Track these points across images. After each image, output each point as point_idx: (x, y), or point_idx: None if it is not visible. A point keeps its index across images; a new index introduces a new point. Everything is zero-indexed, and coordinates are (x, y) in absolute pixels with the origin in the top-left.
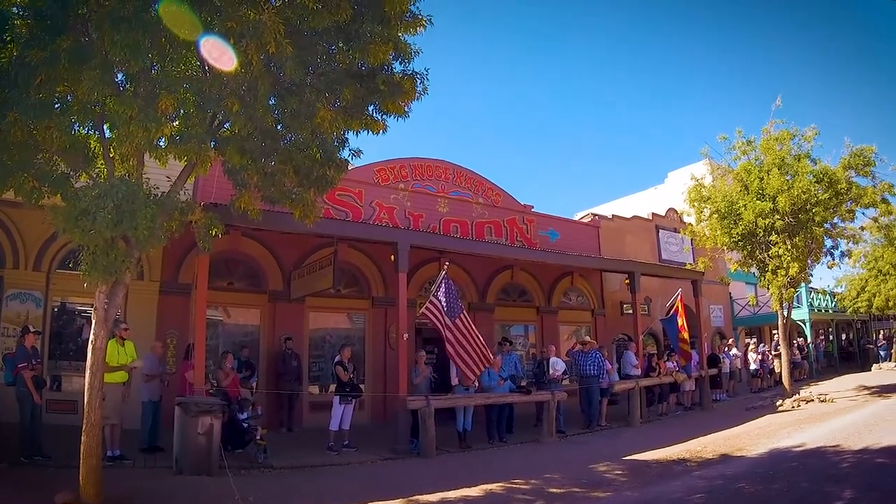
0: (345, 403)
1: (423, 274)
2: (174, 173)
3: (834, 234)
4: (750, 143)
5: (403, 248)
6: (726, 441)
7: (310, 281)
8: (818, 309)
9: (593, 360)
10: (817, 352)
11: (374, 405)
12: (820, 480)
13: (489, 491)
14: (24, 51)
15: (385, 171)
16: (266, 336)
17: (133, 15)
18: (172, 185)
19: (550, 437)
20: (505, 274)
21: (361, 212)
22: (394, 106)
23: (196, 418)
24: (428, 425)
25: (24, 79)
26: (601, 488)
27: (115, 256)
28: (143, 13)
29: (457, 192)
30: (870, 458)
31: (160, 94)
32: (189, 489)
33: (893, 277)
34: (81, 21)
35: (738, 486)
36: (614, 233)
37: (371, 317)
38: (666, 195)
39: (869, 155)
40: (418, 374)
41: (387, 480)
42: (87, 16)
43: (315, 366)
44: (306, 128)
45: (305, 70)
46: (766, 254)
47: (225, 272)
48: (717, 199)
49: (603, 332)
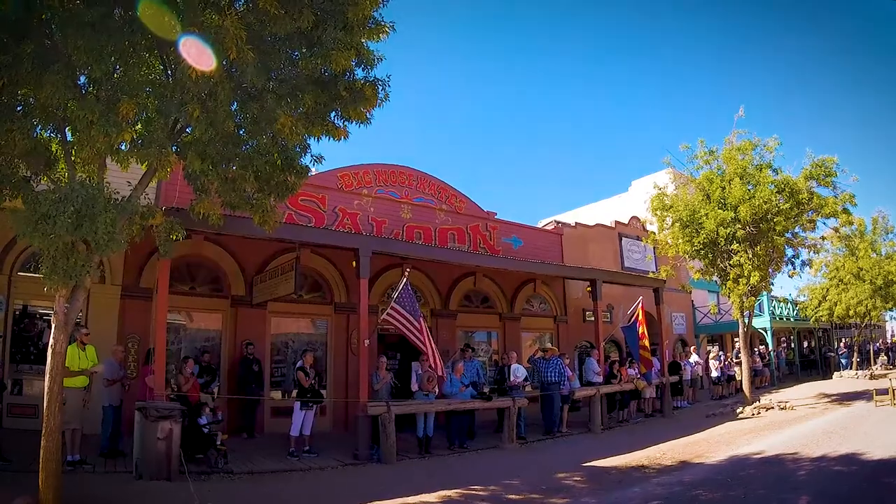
0: (306, 409)
1: (385, 280)
2: (136, 178)
3: (795, 243)
4: (712, 153)
5: (365, 254)
6: (686, 448)
7: (272, 286)
8: (780, 317)
9: (554, 366)
10: (779, 359)
11: (335, 411)
12: (777, 488)
13: (447, 497)
14: None
15: (349, 177)
16: (228, 341)
17: (97, 20)
18: (133, 189)
19: (511, 443)
20: (468, 280)
21: (325, 217)
22: (355, 112)
23: (155, 423)
24: (388, 431)
25: None
26: (559, 495)
27: (76, 261)
28: (107, 18)
29: (420, 199)
30: (827, 466)
31: (122, 99)
32: (148, 494)
33: (854, 287)
34: (45, 25)
35: (695, 492)
36: (577, 240)
37: (334, 322)
38: (630, 203)
39: (830, 166)
40: (379, 380)
41: (346, 486)
42: (50, 20)
43: (277, 371)
44: (267, 134)
45: (267, 76)
46: (727, 262)
47: (187, 276)
48: (679, 208)
49: (565, 338)
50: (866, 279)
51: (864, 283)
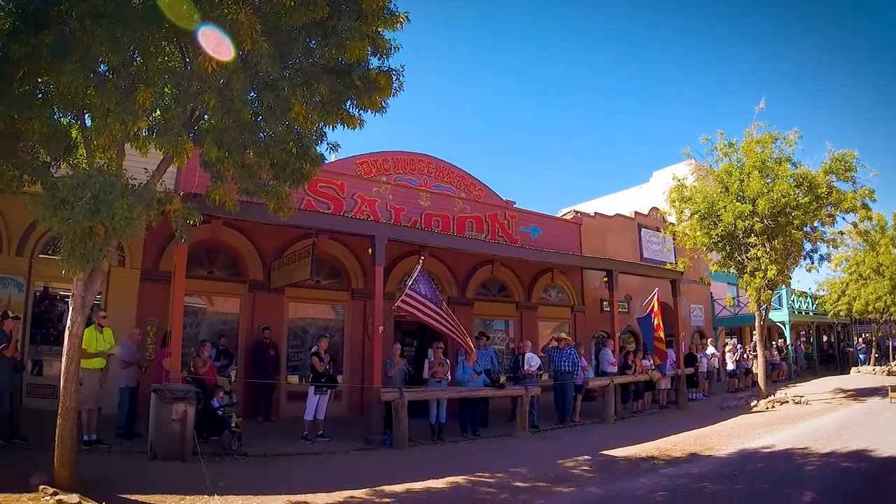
0: (320, 394)
1: (402, 267)
2: (155, 164)
3: (813, 237)
4: (732, 146)
5: (381, 242)
6: (696, 440)
7: (289, 271)
8: (798, 311)
9: (568, 356)
10: (796, 353)
11: (350, 396)
12: (783, 482)
13: (454, 483)
14: (6, 45)
15: (368, 164)
16: (245, 325)
17: (113, 10)
18: (150, 176)
19: (523, 431)
20: (485, 269)
21: (343, 204)
22: (370, 102)
23: (170, 405)
24: (401, 417)
25: (7, 72)
26: (566, 483)
27: (93, 245)
28: (124, 8)
29: (439, 187)
30: (835, 462)
31: (139, 88)
32: (161, 474)
33: (874, 282)
34: (62, 15)
35: (700, 485)
36: (596, 230)
37: (350, 308)
38: (650, 194)
39: (850, 160)
40: (393, 366)
41: (356, 470)
42: (68, 10)
43: (294, 356)
44: (282, 122)
45: (282, 65)
46: (744, 255)
47: (206, 261)
48: (697, 200)
49: (582, 328)
50: (886, 275)
51: (883, 279)
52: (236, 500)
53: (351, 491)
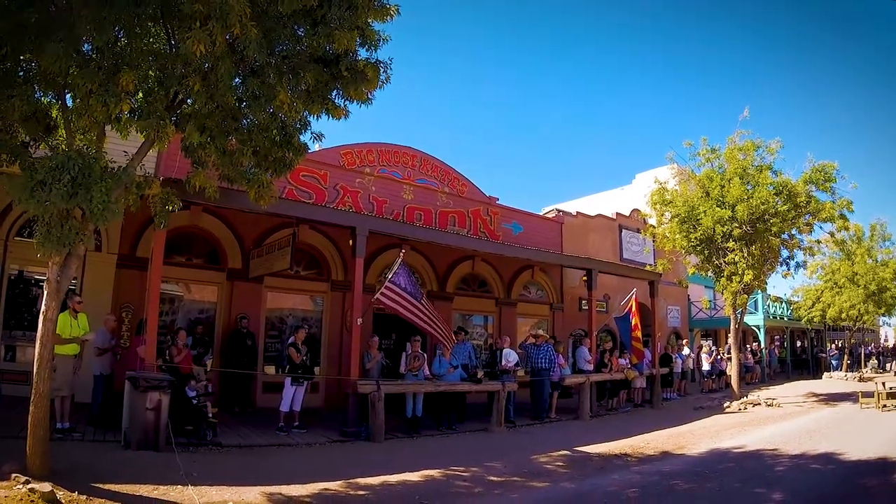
0: (296, 385)
1: (383, 260)
2: (136, 147)
3: (790, 245)
4: (714, 152)
5: (362, 234)
6: (669, 439)
7: (268, 261)
8: (773, 316)
9: (545, 353)
10: (770, 357)
11: (327, 388)
12: (753, 482)
13: (430, 476)
14: None
15: (351, 155)
16: (222, 314)
17: None
18: (130, 159)
19: (499, 426)
20: (466, 264)
21: (325, 194)
22: (356, 93)
23: (145, 393)
24: (377, 410)
25: None
26: (540, 478)
27: (70, 228)
28: None
29: (423, 180)
30: (805, 464)
31: (123, 70)
32: (134, 463)
33: (848, 290)
34: None
35: (672, 483)
36: (577, 229)
37: (330, 300)
38: (632, 196)
39: (830, 171)
40: (371, 358)
41: (331, 462)
42: None
43: (271, 346)
44: (266, 109)
45: (269, 52)
46: (722, 260)
47: (184, 247)
48: (678, 204)
49: (561, 326)
50: (861, 284)
51: (858, 288)
52: (210, 490)
53: (326, 483)
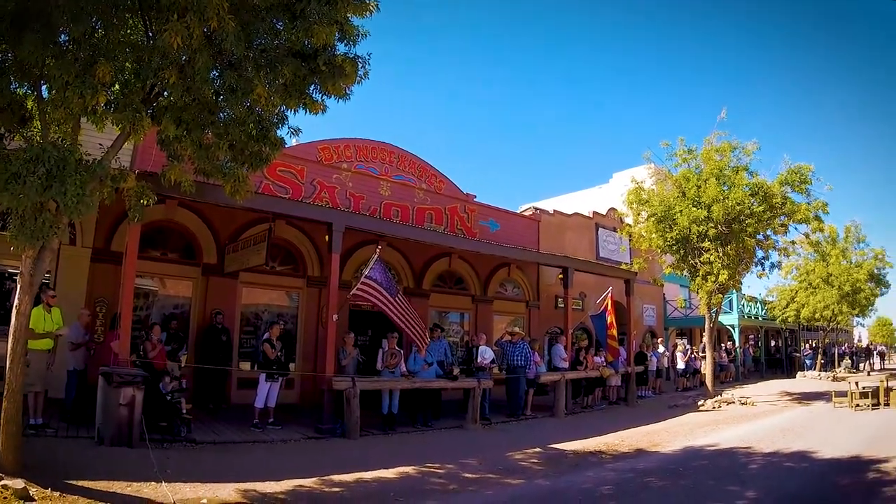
0: (271, 381)
1: (359, 256)
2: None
3: (765, 245)
4: (691, 152)
5: (338, 230)
6: (644, 436)
7: (244, 256)
8: (748, 315)
9: (520, 350)
10: (745, 356)
11: (303, 385)
12: (726, 480)
13: (405, 473)
14: None
15: (329, 150)
16: (197, 309)
17: None
18: (105, 152)
19: (474, 423)
20: (442, 261)
21: (302, 189)
22: (334, 88)
23: (118, 389)
24: (353, 407)
25: None
26: (515, 475)
27: (43, 221)
28: None
29: (400, 177)
30: (778, 462)
31: (99, 61)
32: (108, 460)
33: (823, 291)
34: None
35: (646, 480)
36: (554, 228)
37: (305, 296)
38: (610, 195)
39: (806, 173)
40: (346, 355)
41: (306, 459)
42: None
43: (246, 342)
44: (243, 103)
45: (247, 45)
46: (697, 259)
47: (159, 242)
48: (654, 203)
49: (537, 324)
50: (835, 285)
51: (832, 289)
52: (184, 487)
53: (300, 480)
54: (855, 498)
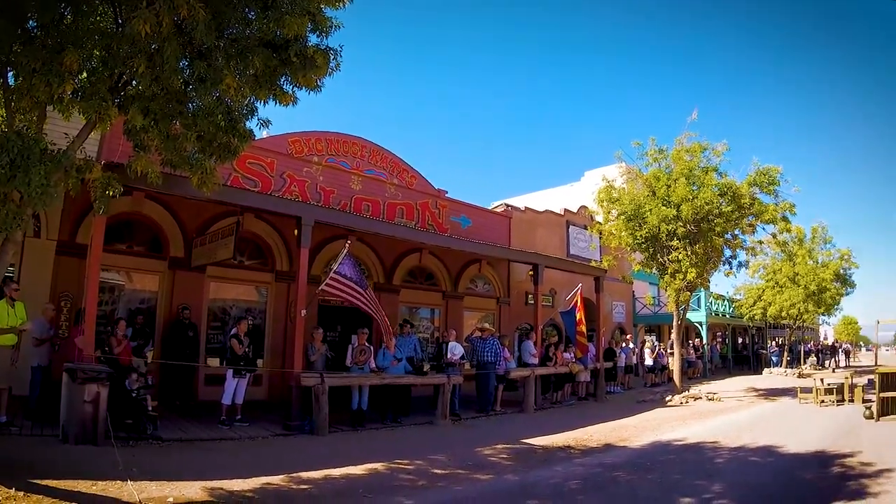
0: (238, 377)
1: (329, 251)
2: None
3: (733, 244)
4: (662, 152)
5: (307, 224)
6: (612, 431)
7: (211, 249)
8: (716, 313)
9: (490, 346)
10: (712, 353)
11: (271, 381)
12: (693, 473)
13: (374, 470)
14: None
15: (299, 143)
16: (164, 304)
17: None
18: (71, 142)
19: (444, 419)
20: (413, 256)
21: (272, 182)
22: (305, 79)
23: (83, 386)
24: (321, 403)
25: None
26: (484, 471)
27: (7, 212)
28: None
29: (371, 171)
30: (744, 456)
31: (67, 49)
32: (72, 458)
33: (789, 290)
34: None
35: (614, 474)
36: (526, 224)
37: (274, 291)
38: (581, 193)
39: (774, 175)
40: (315, 351)
41: (274, 456)
42: None
43: (213, 338)
44: (211, 94)
45: (218, 35)
46: (666, 257)
47: (126, 234)
48: (625, 202)
49: (507, 320)
50: (801, 284)
51: (798, 288)
52: (150, 486)
53: (268, 477)
54: (820, 491)
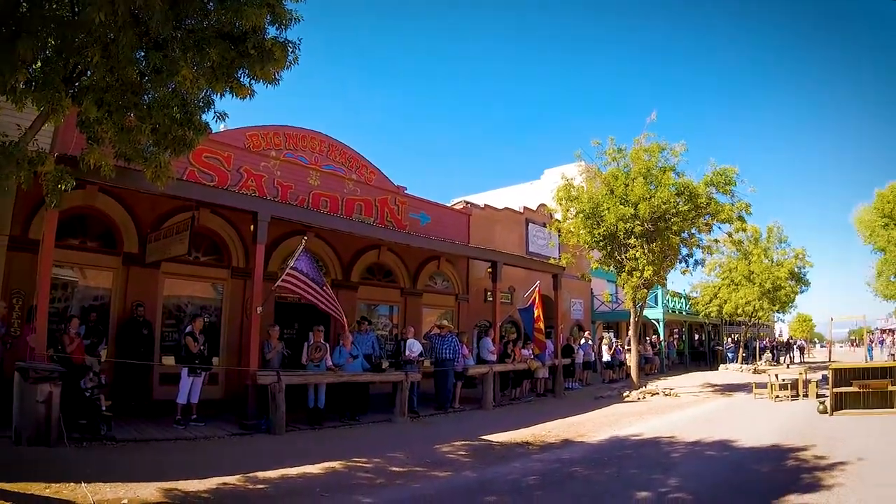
0: (193, 376)
1: (286, 247)
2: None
3: (690, 243)
4: (620, 151)
5: (264, 219)
6: (570, 427)
7: (166, 245)
8: (672, 310)
9: (449, 343)
10: (669, 349)
11: (227, 380)
12: (650, 468)
13: (331, 468)
14: None
15: (257, 137)
16: (117, 301)
17: None
18: (23, 134)
19: (402, 417)
20: (371, 253)
21: (228, 177)
22: (263, 72)
23: (35, 385)
24: (278, 402)
25: None
26: (442, 468)
27: None
28: None
29: (330, 167)
30: (700, 450)
31: (21, 37)
32: (25, 460)
33: (745, 288)
34: None
35: (572, 469)
36: (485, 222)
37: (230, 287)
38: (541, 191)
39: (731, 175)
40: (271, 348)
41: (231, 456)
42: None
43: (168, 336)
44: (167, 85)
45: (175, 25)
46: (624, 255)
47: (79, 229)
48: (583, 200)
49: (466, 317)
50: (756, 282)
51: (754, 286)
52: (104, 487)
53: (224, 477)
54: (775, 484)
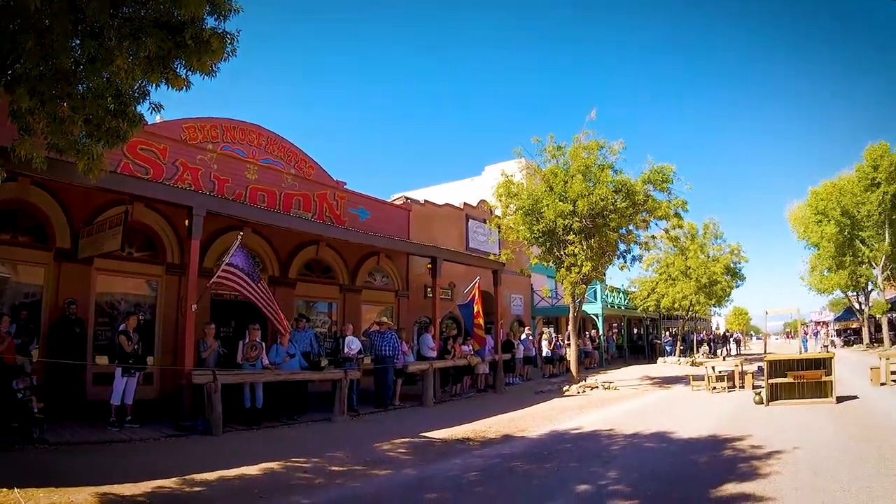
0: (127, 376)
1: (222, 243)
2: None
3: (628, 239)
4: (560, 149)
5: (199, 214)
6: (511, 422)
7: (98, 240)
8: (611, 305)
9: (389, 340)
10: (608, 343)
11: (162, 379)
12: (589, 461)
13: (269, 469)
14: None
15: (194, 129)
16: (49, 298)
17: None
18: None
19: (342, 415)
20: (310, 249)
21: (164, 170)
22: (200, 64)
23: None
24: (214, 402)
25: None
26: (382, 466)
27: None
28: None
29: (268, 161)
30: (639, 442)
31: None
32: None
33: (681, 282)
34: None
35: (512, 464)
36: (425, 217)
37: (165, 284)
38: (481, 187)
39: (668, 173)
40: (206, 347)
41: (166, 458)
42: None
43: (102, 334)
44: (102, 75)
45: (112, 13)
46: (563, 251)
47: (10, 224)
48: (523, 197)
49: (406, 313)
50: (693, 277)
51: (690, 280)
52: (37, 493)
53: (160, 480)
54: (713, 474)
